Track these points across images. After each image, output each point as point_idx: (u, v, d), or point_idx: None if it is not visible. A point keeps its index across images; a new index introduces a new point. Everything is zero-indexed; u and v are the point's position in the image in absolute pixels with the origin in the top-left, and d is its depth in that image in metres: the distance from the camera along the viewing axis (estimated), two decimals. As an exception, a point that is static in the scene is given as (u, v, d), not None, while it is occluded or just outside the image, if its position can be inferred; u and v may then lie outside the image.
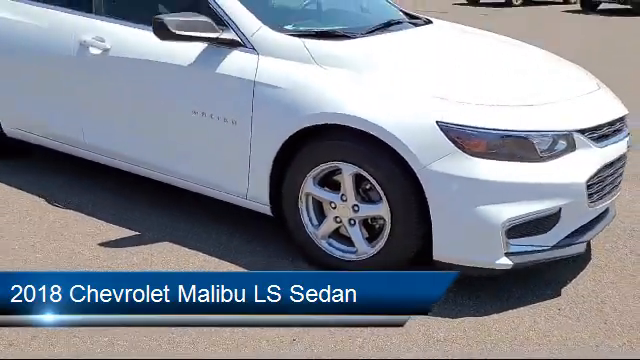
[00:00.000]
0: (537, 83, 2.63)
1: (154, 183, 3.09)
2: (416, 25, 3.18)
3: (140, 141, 2.98)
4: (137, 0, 3.24)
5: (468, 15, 12.60)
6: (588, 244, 2.55)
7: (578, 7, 16.01)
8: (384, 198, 2.33)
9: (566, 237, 2.35)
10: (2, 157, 3.75)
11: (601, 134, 2.40)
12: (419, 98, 2.28)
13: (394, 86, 2.34)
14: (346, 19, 3.25)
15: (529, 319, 2.26)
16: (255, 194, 2.66)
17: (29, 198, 3.26)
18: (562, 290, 2.45)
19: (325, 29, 2.76)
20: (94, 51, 2.96)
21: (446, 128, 2.18)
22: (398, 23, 3.13)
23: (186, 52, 2.68)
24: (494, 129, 2.19)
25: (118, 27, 2.95)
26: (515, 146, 2.21)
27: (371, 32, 2.84)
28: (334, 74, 2.41)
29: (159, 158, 2.94)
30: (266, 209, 2.69)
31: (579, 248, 2.40)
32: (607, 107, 2.55)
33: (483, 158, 2.18)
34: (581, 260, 2.63)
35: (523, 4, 16.81)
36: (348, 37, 2.68)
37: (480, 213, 2.18)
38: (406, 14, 3.39)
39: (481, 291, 2.39)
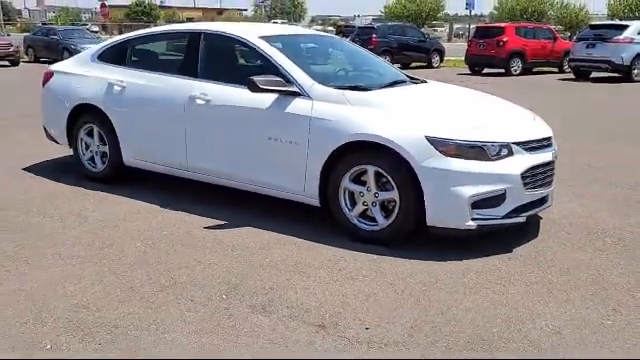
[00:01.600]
0: (491, 115, 4.08)
1: (231, 191, 4.52)
2: (415, 83, 4.68)
3: (230, 161, 4.41)
4: (227, 68, 4.78)
5: (469, 82, 14.25)
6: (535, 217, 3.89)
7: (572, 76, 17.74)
8: (395, 186, 3.70)
9: (511, 211, 3.69)
10: (120, 180, 5.19)
11: (530, 146, 3.79)
12: (413, 123, 3.70)
13: (398, 117, 3.77)
14: (366, 78, 4.74)
15: (485, 262, 3.57)
16: (309, 192, 4.06)
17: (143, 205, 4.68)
18: (512, 248, 3.77)
19: (353, 85, 4.23)
20: (199, 102, 4.46)
21: (431, 139, 3.58)
22: (402, 82, 4.63)
23: (263, 100, 4.16)
24: (461, 140, 3.59)
25: (216, 86, 4.46)
26: (474, 151, 3.59)
27: (383, 87, 4.34)
28: (362, 111, 3.85)
29: (243, 172, 4.37)
30: (315, 202, 4.08)
31: (520, 219, 3.74)
32: (536, 130, 3.95)
33: (454, 158, 3.56)
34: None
35: (521, 73, 18.54)
36: (368, 89, 4.16)
37: (454, 192, 3.54)
38: (410, 77, 4.91)
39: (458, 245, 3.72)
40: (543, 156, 3.87)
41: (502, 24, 21.56)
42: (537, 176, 3.82)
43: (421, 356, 2.50)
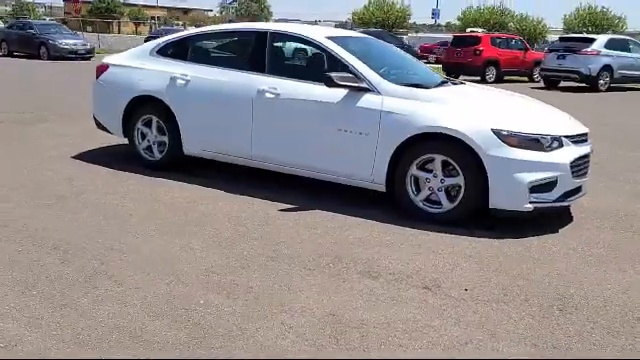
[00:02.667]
0: (537, 111, 4.65)
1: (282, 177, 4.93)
2: (455, 84, 5.20)
3: (298, 150, 4.81)
4: (294, 65, 5.20)
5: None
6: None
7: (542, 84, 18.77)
8: (461, 173, 4.20)
9: (560, 196, 4.24)
10: (175, 168, 5.51)
11: (575, 140, 4.35)
12: (479, 117, 4.21)
13: (464, 112, 4.27)
14: (417, 77, 5.21)
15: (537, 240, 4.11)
16: (376, 179, 4.51)
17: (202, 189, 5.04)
18: (557, 229, 4.32)
19: (413, 82, 4.72)
20: (269, 95, 4.85)
21: (496, 132, 4.09)
22: (448, 82, 5.15)
23: (334, 94, 4.59)
24: (522, 132, 4.11)
25: (285, 81, 4.86)
26: (532, 142, 4.12)
27: (437, 85, 4.85)
28: (430, 106, 4.33)
29: (311, 161, 4.78)
30: (382, 187, 4.54)
31: (566, 203, 4.29)
32: (577, 126, 4.53)
33: (516, 148, 4.08)
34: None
35: (494, 81, 19.44)
36: (427, 87, 4.66)
37: (516, 178, 4.06)
38: (448, 79, 5.44)
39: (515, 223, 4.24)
40: (584, 149, 4.45)
41: (479, 34, 22.51)
42: (580, 166, 4.38)
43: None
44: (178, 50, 5.57)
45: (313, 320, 2.85)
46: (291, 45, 5.27)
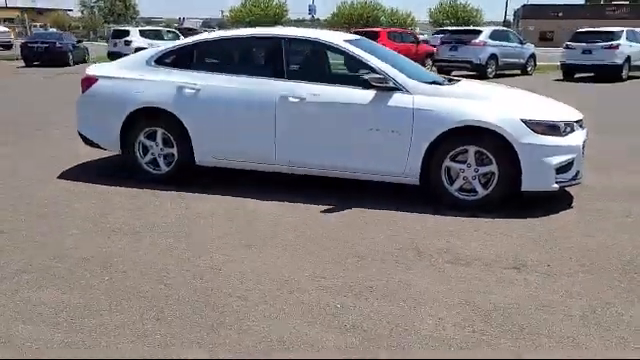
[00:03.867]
0: (545, 101, 5.14)
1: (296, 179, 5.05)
2: (458, 81, 5.58)
3: (328, 152, 4.92)
4: (315, 70, 5.27)
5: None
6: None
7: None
8: (494, 161, 4.57)
9: (574, 175, 4.77)
10: (189, 179, 5.38)
11: (580, 124, 4.92)
12: (507, 109, 4.61)
13: (491, 105, 4.65)
14: (427, 75, 5.50)
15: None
16: (410, 173, 4.77)
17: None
18: (577, 205, 4.86)
19: (433, 80, 5.02)
20: (293, 100, 4.90)
21: (525, 121, 4.51)
22: (451, 79, 5.50)
23: (363, 95, 4.77)
24: (545, 120, 4.58)
25: (308, 85, 4.94)
26: (553, 129, 4.60)
27: (449, 82, 5.19)
28: (458, 101, 4.66)
29: (342, 161, 4.91)
30: (415, 181, 4.80)
31: (579, 182, 4.84)
32: (576, 112, 5.09)
33: (542, 135, 4.53)
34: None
35: (495, 76, 19.75)
36: (442, 84, 4.99)
37: (545, 162, 4.51)
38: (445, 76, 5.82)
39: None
40: (585, 132, 5.02)
41: (377, 28, 23.50)
42: (584, 147, 4.96)
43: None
44: (181, 59, 5.40)
45: (457, 309, 3.05)
46: (311, 50, 5.33)
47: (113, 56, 23.34)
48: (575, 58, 19.10)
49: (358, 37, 5.65)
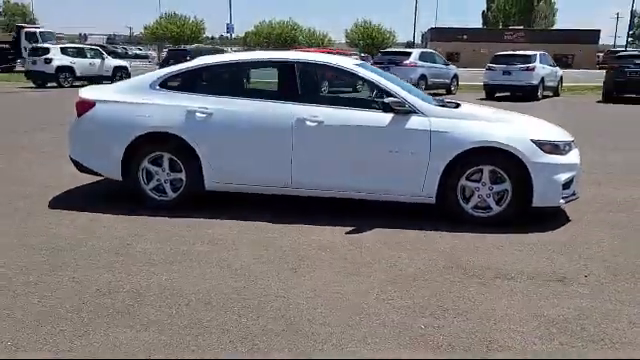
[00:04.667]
0: (542, 123, 5.47)
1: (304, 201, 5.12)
2: (460, 105, 5.82)
3: (346, 174, 4.98)
4: (329, 93, 5.31)
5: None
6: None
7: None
8: (507, 179, 4.84)
9: (573, 191, 5.13)
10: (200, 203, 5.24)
11: (574, 144, 5.32)
12: (518, 130, 4.90)
13: (503, 126, 4.93)
14: (433, 99, 5.71)
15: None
16: (426, 192, 4.94)
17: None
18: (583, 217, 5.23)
19: (444, 102, 5.24)
20: (310, 124, 4.94)
21: (535, 142, 4.82)
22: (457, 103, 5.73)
23: (381, 119, 4.90)
24: (552, 140, 4.91)
25: (324, 108, 5.00)
26: (557, 148, 4.94)
27: (456, 106, 5.42)
28: (472, 123, 4.90)
29: (360, 183, 5.00)
30: (431, 200, 4.98)
31: (577, 197, 5.21)
32: (568, 134, 5.49)
33: (549, 154, 4.86)
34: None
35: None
36: (453, 107, 5.23)
37: (554, 179, 4.84)
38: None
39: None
40: (577, 151, 5.44)
41: (311, 49, 23.77)
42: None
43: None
44: (189, 82, 5.29)
45: (533, 323, 3.20)
46: (323, 74, 5.39)
47: (33, 75, 22.15)
48: (496, 79, 20.46)
49: (362, 61, 5.79)
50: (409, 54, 20.64)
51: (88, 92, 5.48)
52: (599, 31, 66.18)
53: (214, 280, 3.71)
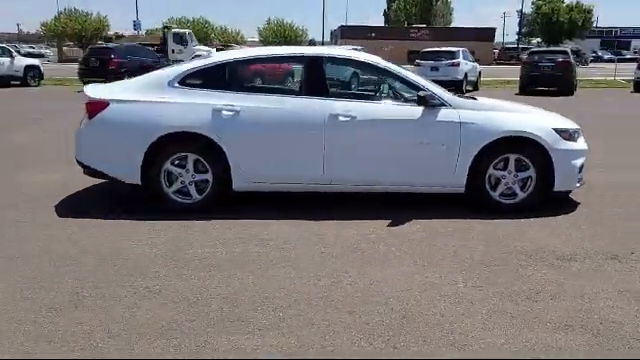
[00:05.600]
0: (549, 112, 5.77)
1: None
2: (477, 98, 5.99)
3: (379, 168, 5.00)
4: (359, 88, 5.27)
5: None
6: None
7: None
8: (532, 166, 5.07)
9: (582, 176, 5.48)
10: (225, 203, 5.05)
11: (580, 131, 5.67)
12: (539, 120, 5.15)
13: (524, 117, 5.16)
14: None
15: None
16: (456, 183, 5.07)
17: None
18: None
19: (463, 95, 5.39)
20: (343, 119, 4.91)
21: (556, 130, 5.09)
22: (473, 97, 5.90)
23: (412, 112, 4.97)
24: (568, 128, 5.20)
25: (355, 103, 5.01)
26: (572, 135, 5.24)
27: (472, 98, 5.60)
28: (495, 114, 5.09)
29: (392, 176, 5.04)
30: (461, 190, 5.11)
31: (584, 183, 5.56)
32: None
33: (567, 140, 5.15)
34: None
35: None
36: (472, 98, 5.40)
37: (572, 164, 5.13)
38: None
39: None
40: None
41: (236, 46, 23.30)
42: (584, 151, 5.71)
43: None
44: (211, 79, 5.05)
45: (631, 300, 3.39)
46: (352, 69, 5.33)
47: None
48: (425, 74, 21.15)
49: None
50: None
51: (97, 91, 5.09)
52: (495, 29, 70.21)
53: (295, 280, 3.61)
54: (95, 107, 4.92)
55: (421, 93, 4.91)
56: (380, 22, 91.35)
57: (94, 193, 5.64)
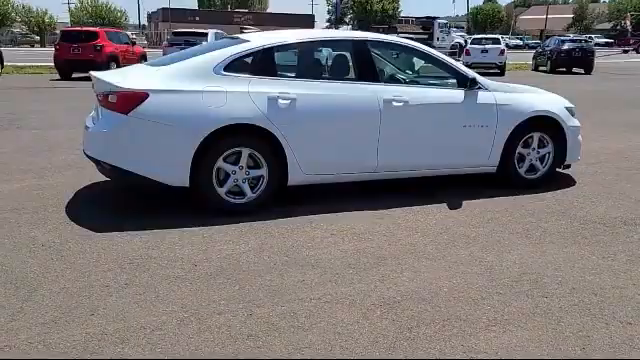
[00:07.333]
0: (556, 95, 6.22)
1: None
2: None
3: (428, 152, 5.00)
4: (405, 72, 5.12)
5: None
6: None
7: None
8: (550, 143, 5.48)
9: (574, 149, 6.05)
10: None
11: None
12: (553, 100, 5.56)
13: (541, 97, 5.54)
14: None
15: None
16: (491, 162, 5.29)
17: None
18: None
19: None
20: (397, 104, 4.81)
21: (567, 109, 5.56)
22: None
23: (456, 95, 5.06)
24: (570, 106, 5.68)
25: (405, 88, 4.93)
26: (573, 113, 5.74)
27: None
28: (519, 95, 5.38)
29: (439, 159, 5.08)
30: (494, 169, 5.35)
31: (575, 155, 6.15)
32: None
33: (574, 118, 5.66)
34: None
35: None
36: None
37: (578, 139, 5.65)
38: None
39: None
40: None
41: (94, 28, 20.93)
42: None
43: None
44: (259, 65, 4.54)
45: None
46: (393, 53, 5.13)
47: None
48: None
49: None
50: (205, 34, 20.04)
51: (129, 81, 4.28)
52: (314, 16, 73.11)
53: (420, 276, 3.50)
54: (131, 100, 4.15)
55: (470, 76, 5.00)
56: (194, 6, 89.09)
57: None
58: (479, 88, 5.16)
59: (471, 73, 5.16)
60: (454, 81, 5.17)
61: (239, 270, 3.46)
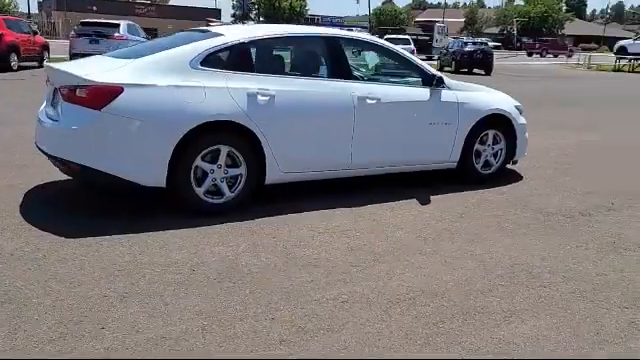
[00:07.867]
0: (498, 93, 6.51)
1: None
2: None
3: (396, 149, 5.09)
4: (374, 70, 5.12)
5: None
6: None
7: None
8: (502, 140, 5.77)
9: (517, 144, 6.43)
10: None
11: (512, 107, 6.58)
12: (504, 99, 5.85)
13: (494, 97, 5.80)
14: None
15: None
16: (452, 158, 5.49)
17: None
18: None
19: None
20: (370, 102, 4.85)
21: (516, 107, 5.87)
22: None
23: (422, 94, 5.19)
24: (519, 105, 6.00)
25: (381, 86, 4.98)
26: (521, 111, 6.08)
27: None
28: (475, 94, 5.61)
29: (405, 156, 5.19)
30: (454, 165, 5.55)
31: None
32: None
33: (521, 115, 5.98)
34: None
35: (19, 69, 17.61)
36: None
37: (525, 136, 5.96)
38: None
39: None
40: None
41: None
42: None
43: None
44: (237, 60, 4.39)
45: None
46: (362, 50, 5.10)
47: None
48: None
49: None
50: (117, 26, 19.06)
51: (100, 74, 3.98)
52: (220, 10, 71.82)
53: (422, 271, 3.59)
54: (104, 95, 3.87)
55: (437, 75, 5.14)
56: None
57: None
58: (443, 87, 5.32)
59: (437, 72, 5.31)
60: (418, 79, 5.29)
61: (242, 273, 3.34)
